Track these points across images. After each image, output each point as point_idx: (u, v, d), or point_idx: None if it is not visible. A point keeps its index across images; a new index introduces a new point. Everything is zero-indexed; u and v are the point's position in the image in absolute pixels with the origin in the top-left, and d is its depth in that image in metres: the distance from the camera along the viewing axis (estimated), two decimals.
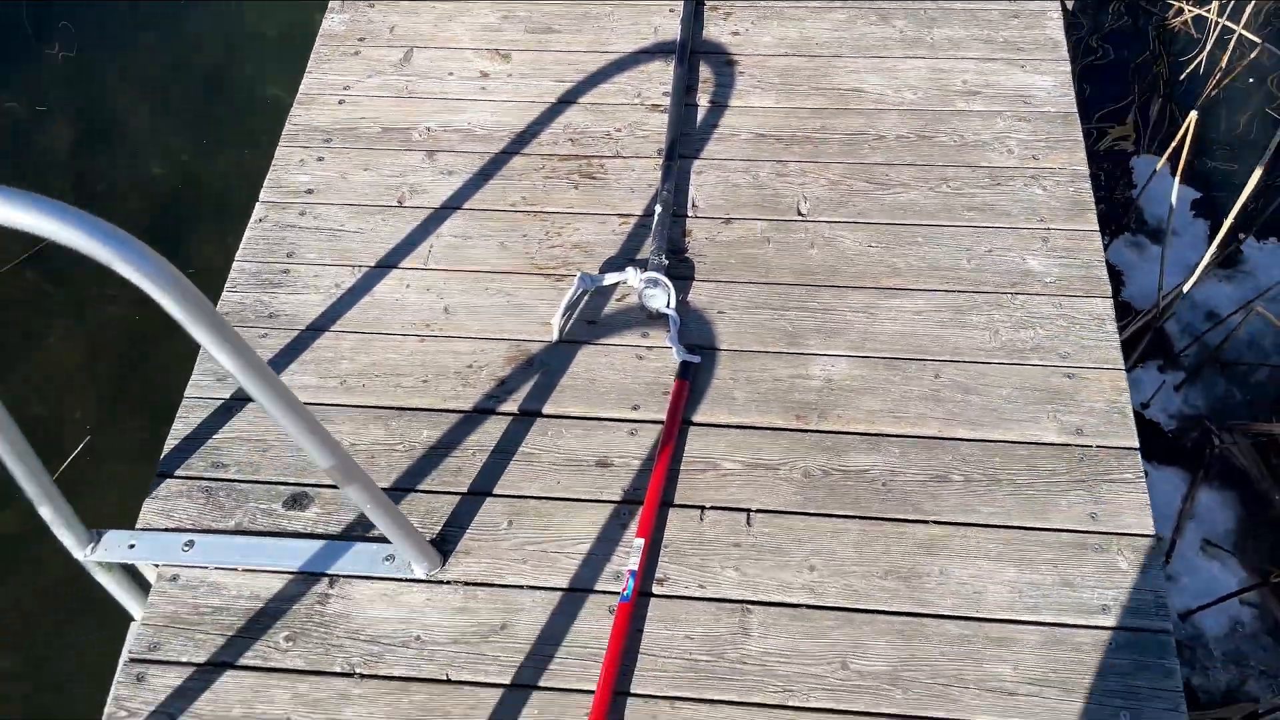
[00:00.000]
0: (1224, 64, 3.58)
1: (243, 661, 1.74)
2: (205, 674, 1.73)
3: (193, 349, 2.20)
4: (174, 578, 1.84)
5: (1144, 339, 2.95)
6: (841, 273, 2.16)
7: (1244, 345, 3.03)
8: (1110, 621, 1.71)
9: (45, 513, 1.71)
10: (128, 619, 1.96)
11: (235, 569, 1.84)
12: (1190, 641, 2.56)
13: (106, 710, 1.73)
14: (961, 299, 2.11)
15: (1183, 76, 3.64)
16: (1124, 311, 3.05)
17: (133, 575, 1.92)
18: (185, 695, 1.71)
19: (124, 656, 1.92)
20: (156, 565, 1.86)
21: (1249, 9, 3.50)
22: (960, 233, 2.21)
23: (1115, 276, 3.16)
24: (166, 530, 1.89)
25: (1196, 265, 2.65)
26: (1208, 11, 3.55)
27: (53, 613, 2.67)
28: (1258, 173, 2.49)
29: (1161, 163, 3.19)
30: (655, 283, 2.09)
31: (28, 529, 2.77)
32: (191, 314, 1.20)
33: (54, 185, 3.40)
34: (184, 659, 1.75)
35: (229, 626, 1.78)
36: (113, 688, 1.78)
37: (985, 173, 2.30)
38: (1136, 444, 1.90)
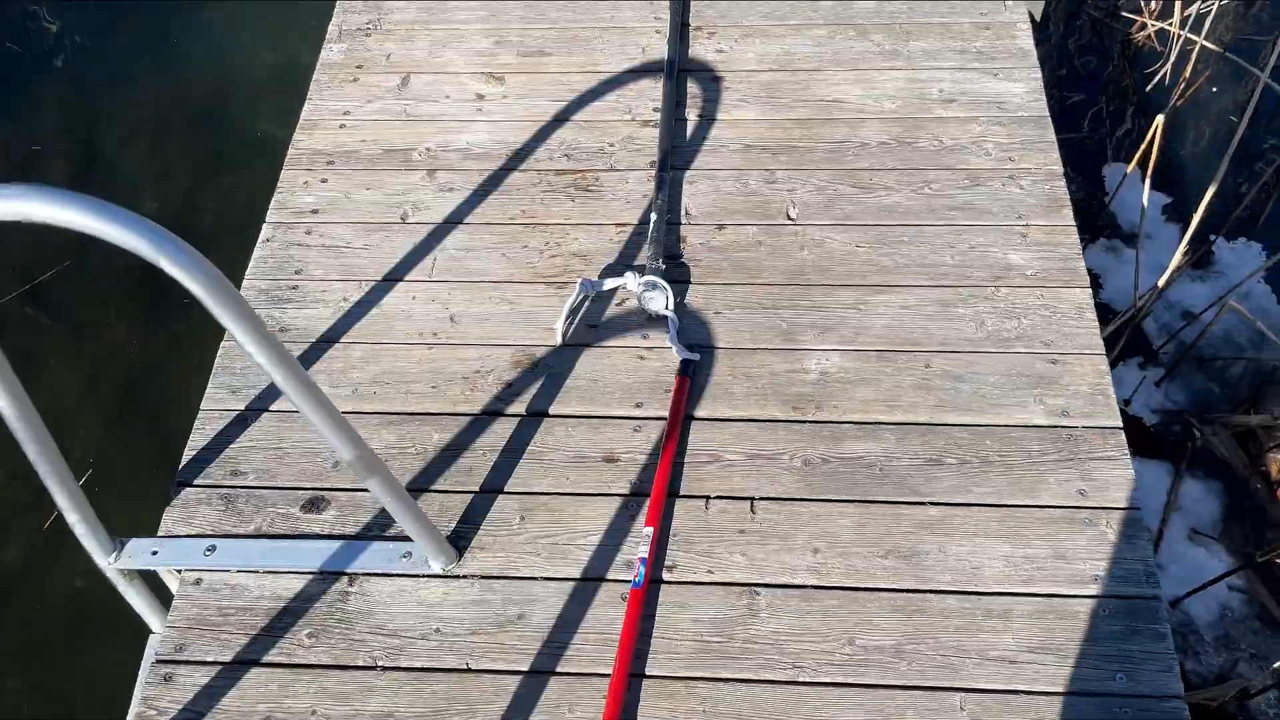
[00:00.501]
0: (1187, 75, 3.72)
1: (267, 659, 1.79)
2: (231, 672, 1.78)
3: (193, 373, 2.26)
4: (197, 581, 1.89)
5: (1123, 337, 3.04)
6: (831, 272, 2.25)
7: (1219, 341, 3.13)
8: (1102, 590, 1.79)
9: (72, 520, 1.76)
10: (134, 640, 2.01)
11: (257, 571, 1.89)
12: (1181, 628, 2.63)
13: (135, 710, 1.77)
14: (947, 293, 2.20)
15: (1149, 88, 3.78)
16: (1103, 312, 3.15)
17: (152, 588, 1.97)
18: (213, 693, 1.76)
19: (147, 661, 1.97)
20: (179, 570, 1.92)
21: (1209, 21, 3.64)
22: (943, 231, 2.31)
23: (1092, 279, 3.26)
24: (188, 536, 1.94)
25: (1170, 266, 2.76)
26: (1170, 25, 3.69)
27: (60, 630, 2.70)
28: (1220, 175, 2.61)
29: (1131, 167, 3.31)
30: (654, 286, 2.17)
31: (31, 557, 2.81)
32: (229, 309, 1.28)
33: None
34: (210, 659, 1.80)
35: (253, 626, 1.83)
36: (139, 688, 1.82)
37: (965, 174, 2.41)
38: (1120, 423, 1.99)
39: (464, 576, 1.86)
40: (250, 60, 4.09)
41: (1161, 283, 2.82)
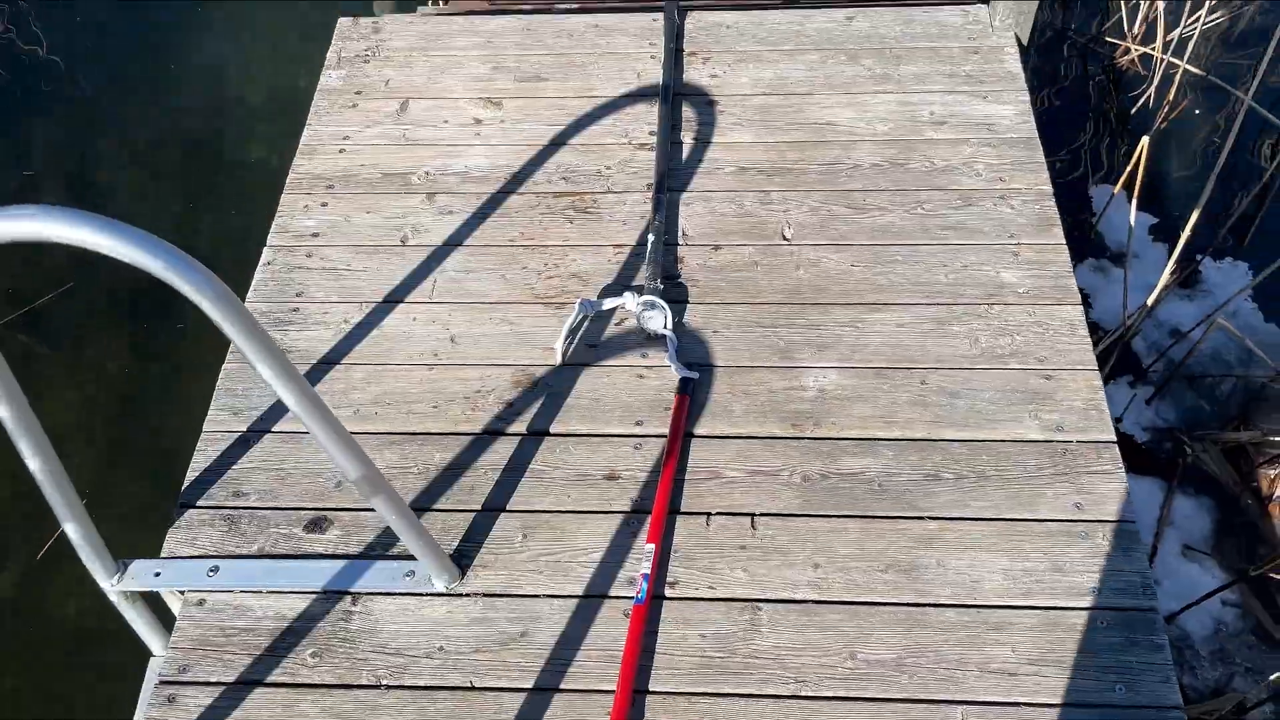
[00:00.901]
0: (1171, 97, 3.78)
1: (272, 679, 1.79)
2: (236, 692, 1.78)
3: (192, 396, 2.27)
4: (200, 602, 1.89)
5: (1113, 356, 3.08)
6: (827, 291, 2.28)
7: (1208, 358, 3.16)
8: (1100, 603, 1.81)
9: (77, 542, 1.76)
10: (135, 663, 2.02)
11: (260, 591, 1.90)
12: (1177, 642, 2.64)
13: None
14: (942, 311, 2.23)
15: (1134, 111, 3.85)
16: (1092, 331, 3.18)
17: (154, 610, 1.97)
18: (216, 714, 1.76)
19: (148, 684, 1.96)
20: (182, 592, 1.92)
21: (1191, 45, 3.71)
22: (937, 250, 2.34)
23: (1081, 299, 3.30)
24: (191, 557, 1.95)
25: (1158, 285, 2.80)
26: (1153, 49, 3.76)
27: (59, 653, 2.69)
28: (1206, 195, 2.65)
29: (1118, 189, 3.37)
30: (652, 305, 2.20)
31: (28, 581, 2.81)
32: (238, 326, 1.30)
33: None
34: (214, 679, 1.80)
35: (256, 646, 1.83)
36: (140, 710, 1.82)
37: (956, 194, 2.45)
38: (1114, 437, 2.02)
39: (467, 595, 1.87)
40: (248, 83, 4.13)
41: (1150, 302, 2.86)
